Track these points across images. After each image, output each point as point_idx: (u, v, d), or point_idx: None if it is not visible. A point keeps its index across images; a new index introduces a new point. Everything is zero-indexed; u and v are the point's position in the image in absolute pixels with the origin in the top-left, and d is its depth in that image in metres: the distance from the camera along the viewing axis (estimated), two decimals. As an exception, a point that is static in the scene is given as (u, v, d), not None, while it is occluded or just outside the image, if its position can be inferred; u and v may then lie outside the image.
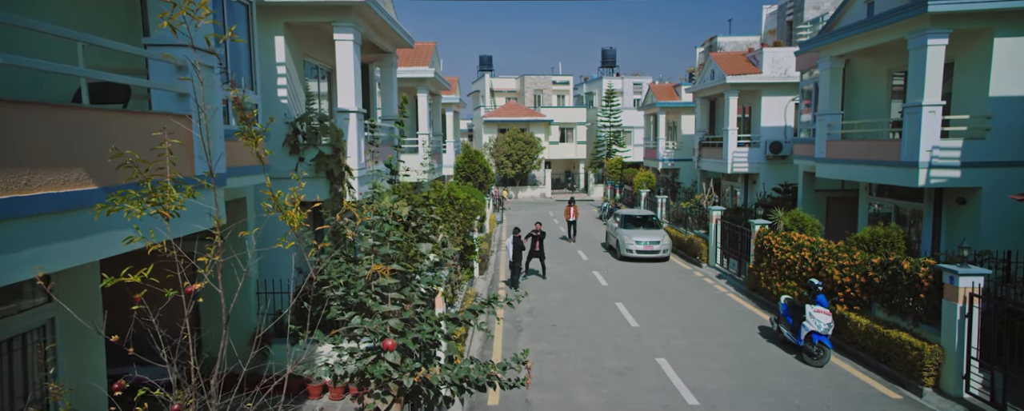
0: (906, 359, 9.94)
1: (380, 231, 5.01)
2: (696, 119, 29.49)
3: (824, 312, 11.09)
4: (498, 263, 21.83)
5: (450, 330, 5.45)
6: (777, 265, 14.49)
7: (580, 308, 15.30)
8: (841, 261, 12.10)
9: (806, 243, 13.51)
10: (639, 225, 22.47)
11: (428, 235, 10.94)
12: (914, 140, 12.55)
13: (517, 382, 5.42)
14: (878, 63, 15.95)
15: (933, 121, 12.30)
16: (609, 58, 59.83)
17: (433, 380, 4.43)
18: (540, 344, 12.49)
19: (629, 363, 11.26)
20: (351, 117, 11.01)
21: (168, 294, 3.22)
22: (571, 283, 18.17)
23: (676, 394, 9.84)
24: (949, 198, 13.45)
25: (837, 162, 15.92)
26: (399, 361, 4.45)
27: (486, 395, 9.91)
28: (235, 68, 8.52)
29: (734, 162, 24.27)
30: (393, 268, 4.69)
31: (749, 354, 11.75)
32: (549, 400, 9.69)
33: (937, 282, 9.79)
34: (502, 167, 46.45)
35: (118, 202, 3.26)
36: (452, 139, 30.31)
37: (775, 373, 10.73)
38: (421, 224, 10.79)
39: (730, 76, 23.51)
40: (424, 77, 20.13)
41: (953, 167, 12.41)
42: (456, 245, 13.36)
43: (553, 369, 11.05)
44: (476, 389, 5.08)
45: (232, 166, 7.36)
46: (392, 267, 4.66)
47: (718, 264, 19.89)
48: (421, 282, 5.20)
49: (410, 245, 10.01)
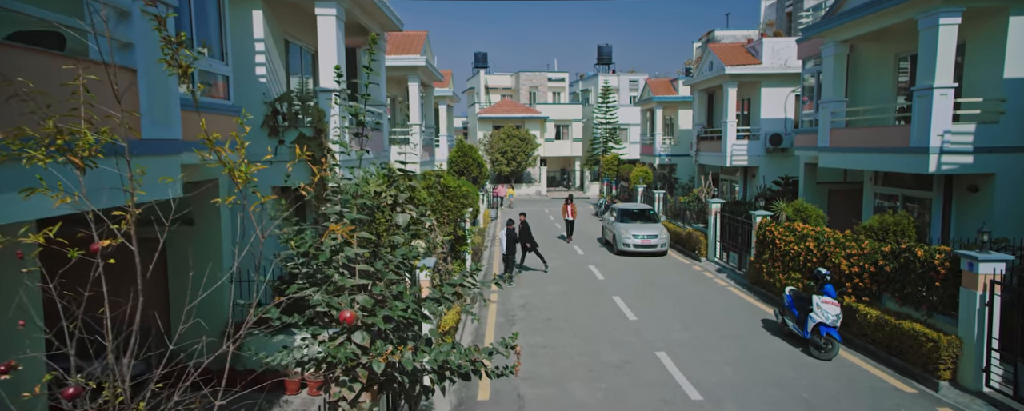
0: (920, 351, 9.40)
1: (346, 195, 4.43)
2: (694, 112, 28.97)
3: (832, 303, 10.54)
4: (491, 258, 21.25)
5: (432, 310, 4.84)
6: (780, 257, 13.94)
7: (576, 302, 14.73)
8: (849, 250, 11.55)
9: (811, 233, 12.96)
10: (636, 219, 21.90)
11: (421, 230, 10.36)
12: (924, 124, 12.01)
13: (506, 370, 4.84)
14: (884, 49, 15.42)
15: (945, 104, 11.76)
16: (605, 55, 59.29)
17: (406, 364, 3.84)
18: (535, 338, 11.90)
19: (628, 357, 10.69)
20: (334, 98, 10.40)
21: (71, 255, 2.63)
22: (567, 277, 17.59)
23: (678, 388, 9.27)
24: (960, 186, 12.92)
25: (841, 151, 15.39)
26: (368, 343, 3.87)
27: (475, 390, 9.32)
28: (205, 37, 7.91)
29: (733, 155, 23.74)
30: (361, 236, 4.11)
31: (753, 347, 11.19)
32: (544, 395, 9.11)
33: (954, 269, 9.25)
34: (497, 164, 45.85)
35: (14, 146, 2.67)
36: (445, 133, 29.72)
37: (781, 366, 10.17)
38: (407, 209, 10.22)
39: (729, 67, 22.99)
40: (415, 65, 19.52)
41: (965, 153, 11.88)
42: (446, 235, 12.76)
43: (548, 363, 10.46)
44: (459, 377, 4.50)
45: (196, 140, 6.74)
46: (359, 234, 4.08)
47: (718, 258, 19.34)
48: (397, 254, 4.60)
49: (383, 213, 9.41)
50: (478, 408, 8.74)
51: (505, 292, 15.90)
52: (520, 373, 10.04)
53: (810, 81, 18.87)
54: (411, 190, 10.29)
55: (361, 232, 4.15)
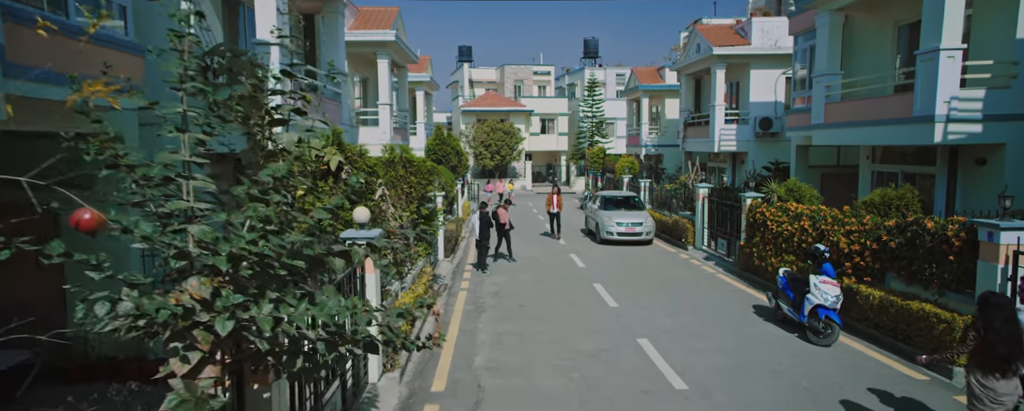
0: (931, 334, 8.35)
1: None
2: (681, 98, 27.95)
3: (831, 283, 9.48)
4: (468, 248, 20.09)
5: (335, 267, 3.64)
6: (772, 239, 12.90)
7: (553, 289, 13.60)
8: (849, 227, 10.51)
9: (805, 212, 11.93)
10: (620, 206, 20.81)
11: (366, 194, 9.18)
12: (929, 91, 11.00)
13: (424, 343, 3.69)
14: (882, 18, 14.40)
15: (952, 67, 10.75)
16: (592, 48, 58.34)
17: (263, 323, 2.68)
18: (504, 325, 10.76)
19: (606, 345, 9.57)
20: (274, 51, 9.22)
21: None
22: (545, 265, 16.47)
23: (660, 377, 8.16)
24: (966, 158, 11.92)
25: (837, 126, 14.37)
26: (207, 294, 2.71)
27: (430, 380, 8.17)
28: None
29: (721, 140, 22.73)
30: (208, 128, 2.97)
31: (744, 334, 10.12)
32: (508, 386, 7.95)
33: (970, 241, 8.21)
34: (480, 158, 44.66)
35: None
36: (423, 120, 28.53)
37: (776, 353, 9.09)
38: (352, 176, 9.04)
39: (717, 47, 21.97)
40: (384, 40, 18.31)
41: (974, 121, 10.87)
42: (408, 213, 11.59)
43: (516, 351, 9.32)
44: (363, 348, 3.34)
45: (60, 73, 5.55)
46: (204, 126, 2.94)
47: (705, 246, 18.29)
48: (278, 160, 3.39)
49: (326, 183, 8.20)
50: (431, 399, 7.58)
51: (477, 280, 14.76)
52: (483, 362, 8.92)
53: (801, 69, 17.87)
54: (360, 157, 9.08)
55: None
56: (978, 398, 5.19)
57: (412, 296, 10.07)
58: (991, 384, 5.10)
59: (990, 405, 5.12)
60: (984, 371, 5.15)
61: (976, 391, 5.20)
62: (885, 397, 7.45)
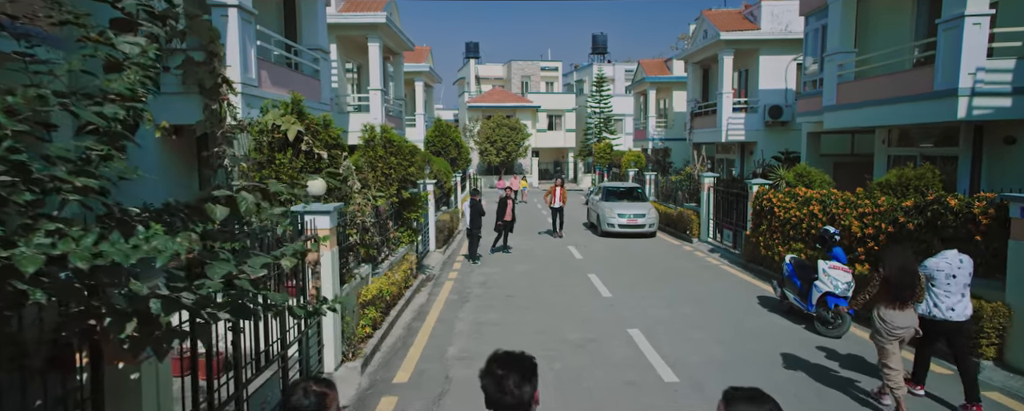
0: (955, 325, 7.43)
1: None
2: (688, 88, 27.02)
3: (842, 268, 8.60)
4: (464, 241, 19.32)
5: (214, 215, 2.86)
6: (779, 227, 12.00)
7: (545, 279, 12.80)
8: (862, 209, 9.61)
9: (815, 196, 11.04)
10: (622, 197, 19.94)
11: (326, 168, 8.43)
12: (953, 62, 10.08)
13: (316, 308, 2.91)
14: (898, -8, 13.48)
15: (978, 36, 9.83)
16: (600, 44, 57.43)
17: (22, 262, 1.91)
18: (487, 315, 9.98)
19: (594, 335, 8.75)
20: (232, 13, 8.51)
21: None
22: (540, 257, 15.66)
23: (649, 369, 7.33)
24: (992, 137, 10.97)
25: (850, 107, 13.44)
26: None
27: (394, 371, 7.40)
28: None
29: (729, 129, 21.80)
30: None
31: (746, 325, 9.26)
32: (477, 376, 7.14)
33: (1000, 218, 7.30)
34: (485, 154, 43.90)
35: None
36: (422, 112, 27.82)
37: (780, 345, 8.23)
38: (314, 149, 8.28)
39: (725, 33, 21.06)
40: (374, 23, 17.58)
41: (1003, 94, 9.93)
42: (388, 195, 10.84)
43: (496, 342, 8.49)
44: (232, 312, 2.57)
45: None
46: None
47: (711, 238, 17.40)
48: None
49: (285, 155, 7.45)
50: (391, 391, 6.81)
51: (466, 269, 13.99)
52: (457, 352, 8.14)
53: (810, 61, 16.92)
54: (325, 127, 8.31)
55: None
56: (878, 331, 5.77)
57: (386, 282, 9.31)
58: (889, 317, 5.66)
59: (887, 337, 5.69)
60: (885, 304, 5.71)
61: (877, 324, 5.77)
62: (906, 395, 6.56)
